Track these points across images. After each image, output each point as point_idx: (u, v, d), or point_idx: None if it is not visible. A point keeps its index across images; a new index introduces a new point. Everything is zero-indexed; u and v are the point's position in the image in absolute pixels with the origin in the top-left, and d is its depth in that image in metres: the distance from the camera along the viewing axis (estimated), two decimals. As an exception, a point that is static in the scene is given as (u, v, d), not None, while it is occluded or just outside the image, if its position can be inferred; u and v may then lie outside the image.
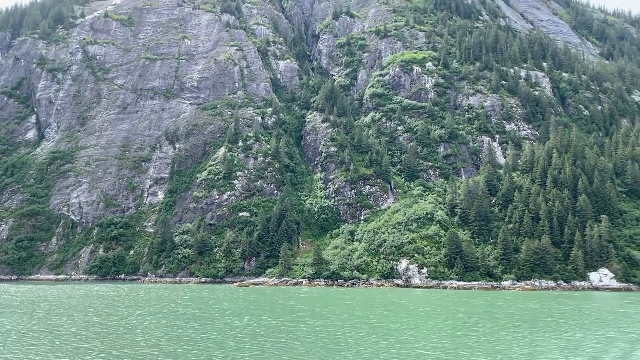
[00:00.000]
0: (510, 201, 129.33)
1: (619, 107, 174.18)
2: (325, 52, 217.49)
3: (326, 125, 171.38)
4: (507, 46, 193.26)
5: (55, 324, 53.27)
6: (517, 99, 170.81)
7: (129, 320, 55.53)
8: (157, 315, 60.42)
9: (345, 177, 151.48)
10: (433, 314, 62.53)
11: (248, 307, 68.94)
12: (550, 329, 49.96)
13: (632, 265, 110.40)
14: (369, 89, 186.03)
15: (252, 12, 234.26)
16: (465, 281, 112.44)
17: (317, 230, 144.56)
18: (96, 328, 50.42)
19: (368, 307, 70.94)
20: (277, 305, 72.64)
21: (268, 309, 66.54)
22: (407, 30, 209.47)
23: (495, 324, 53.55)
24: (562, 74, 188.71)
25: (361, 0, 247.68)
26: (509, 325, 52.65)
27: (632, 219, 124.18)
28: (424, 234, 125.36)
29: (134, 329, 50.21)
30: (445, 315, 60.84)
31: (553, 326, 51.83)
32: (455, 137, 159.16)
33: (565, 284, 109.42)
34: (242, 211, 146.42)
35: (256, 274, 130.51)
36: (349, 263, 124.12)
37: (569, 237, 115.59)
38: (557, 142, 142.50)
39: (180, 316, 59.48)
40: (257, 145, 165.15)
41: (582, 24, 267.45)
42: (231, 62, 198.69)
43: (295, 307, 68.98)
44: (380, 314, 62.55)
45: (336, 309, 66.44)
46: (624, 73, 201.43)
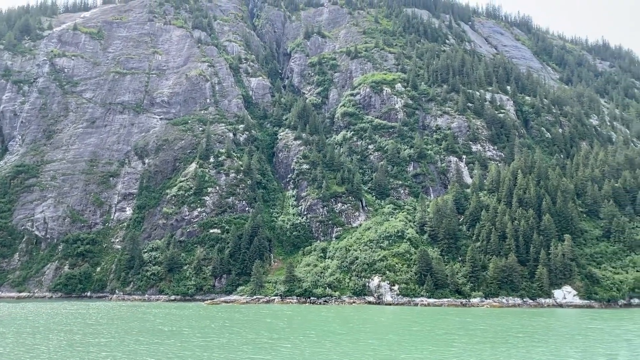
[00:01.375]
0: (477, 220, 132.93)
1: (578, 131, 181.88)
2: (297, 71, 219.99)
3: (298, 143, 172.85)
4: (473, 70, 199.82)
5: (32, 343, 52.13)
6: (482, 121, 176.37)
7: (108, 338, 54.80)
8: (135, 332, 59.74)
9: (317, 194, 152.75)
10: (411, 330, 63.88)
11: (225, 325, 68.79)
12: (526, 344, 51.95)
13: (593, 283, 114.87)
14: (341, 108, 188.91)
15: (224, 29, 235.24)
16: (435, 298, 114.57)
17: (289, 247, 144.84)
18: (76, 346, 49.63)
19: (345, 323, 71.80)
20: (254, 322, 72.66)
21: (247, 326, 66.59)
22: (377, 52, 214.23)
23: (472, 339, 55.26)
24: (525, 98, 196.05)
25: (332, 21, 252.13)
26: (486, 341, 54.42)
27: (593, 238, 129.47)
28: (395, 251, 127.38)
29: (115, 346, 49.67)
30: (422, 332, 62.27)
31: (528, 341, 53.87)
32: (424, 156, 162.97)
33: (531, 301, 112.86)
34: (213, 228, 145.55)
35: (227, 292, 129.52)
36: (321, 280, 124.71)
37: (534, 256, 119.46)
38: (522, 163, 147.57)
39: (159, 334, 58.99)
40: (228, 161, 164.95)
41: (543, 49, 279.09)
42: (203, 78, 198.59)
43: (274, 325, 69.23)
44: (359, 330, 63.51)
45: (315, 326, 67.04)
46: (583, 98, 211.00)
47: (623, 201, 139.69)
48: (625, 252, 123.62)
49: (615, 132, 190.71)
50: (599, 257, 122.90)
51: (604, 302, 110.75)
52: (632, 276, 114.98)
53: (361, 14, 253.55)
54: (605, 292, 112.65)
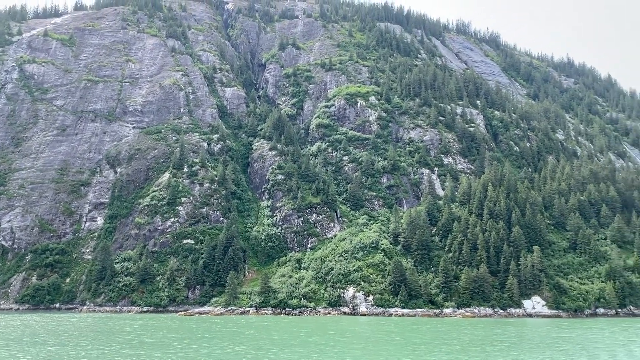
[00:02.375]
0: (449, 231, 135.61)
1: (545, 145, 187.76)
2: (272, 82, 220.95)
3: (274, 154, 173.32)
4: (444, 84, 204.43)
5: (7, 355, 51.06)
6: (454, 134, 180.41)
7: (88, 350, 54.09)
8: (115, 344, 59.07)
9: (292, 205, 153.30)
10: (390, 340, 64.93)
11: (205, 336, 68.54)
12: (502, 353, 53.58)
13: (561, 293, 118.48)
14: (315, 120, 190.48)
15: (198, 39, 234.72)
16: (409, 308, 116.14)
17: (264, 258, 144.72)
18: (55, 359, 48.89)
19: (324, 334, 72.41)
20: (234, 333, 72.59)
21: (226, 338, 66.53)
22: (351, 65, 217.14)
23: (451, 349, 56.65)
24: (494, 112, 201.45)
25: (306, 33, 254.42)
26: (463, 350, 55.88)
27: (560, 249, 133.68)
28: (370, 262, 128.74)
29: (97, 358, 49.12)
30: (401, 341, 63.40)
31: (504, 350, 55.55)
32: (398, 168, 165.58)
33: (502, 311, 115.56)
34: (187, 238, 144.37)
35: (201, 303, 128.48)
36: (296, 291, 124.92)
37: (505, 266, 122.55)
38: (492, 176, 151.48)
39: (139, 345, 58.49)
40: (203, 171, 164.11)
41: (511, 65, 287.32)
42: (177, 87, 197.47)
43: (255, 336, 69.33)
44: (339, 340, 64.23)
45: (295, 337, 67.44)
46: (549, 113, 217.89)
47: (588, 214, 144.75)
48: (590, 263, 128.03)
49: (580, 146, 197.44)
50: (566, 268, 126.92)
51: (571, 312, 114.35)
52: (597, 286, 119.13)
53: (335, 27, 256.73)
54: (573, 302, 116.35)
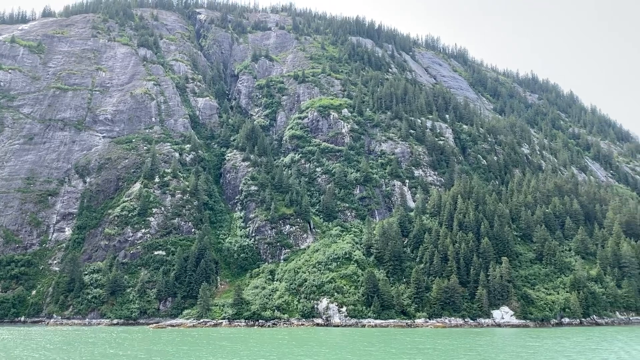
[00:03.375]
0: (421, 242, 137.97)
1: (511, 158, 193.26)
2: (245, 92, 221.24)
3: (247, 164, 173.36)
4: (414, 98, 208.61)
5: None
6: (424, 147, 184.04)
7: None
8: (92, 357, 58.26)
9: (266, 216, 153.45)
10: (370, 351, 65.90)
11: (182, 349, 68.14)
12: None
13: (528, 303, 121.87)
14: (289, 131, 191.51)
15: (170, 48, 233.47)
16: (382, 319, 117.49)
17: (237, 269, 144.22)
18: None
19: (302, 345, 72.91)
20: (211, 346, 72.36)
21: (207, 351, 66.32)
22: (324, 77, 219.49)
23: (428, 358, 58.00)
24: (462, 126, 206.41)
25: (279, 45, 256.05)
26: (440, 359, 57.31)
27: (527, 260, 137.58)
28: (343, 273, 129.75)
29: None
30: (381, 351, 64.46)
31: (478, 359, 57.21)
32: (370, 180, 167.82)
33: (472, 321, 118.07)
34: (158, 250, 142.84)
35: (172, 315, 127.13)
36: (270, 303, 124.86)
37: (474, 277, 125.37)
38: (461, 189, 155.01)
39: (119, 358, 57.86)
40: (174, 181, 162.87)
41: (478, 81, 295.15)
42: (148, 96, 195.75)
43: (232, 348, 69.29)
44: (320, 352, 64.86)
45: (273, 349, 67.75)
46: (515, 128, 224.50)
47: (553, 226, 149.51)
48: (556, 274, 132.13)
49: (545, 160, 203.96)
50: (533, 278, 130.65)
51: (538, 322, 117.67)
52: (563, 297, 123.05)
53: (308, 40, 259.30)
54: (539, 312, 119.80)
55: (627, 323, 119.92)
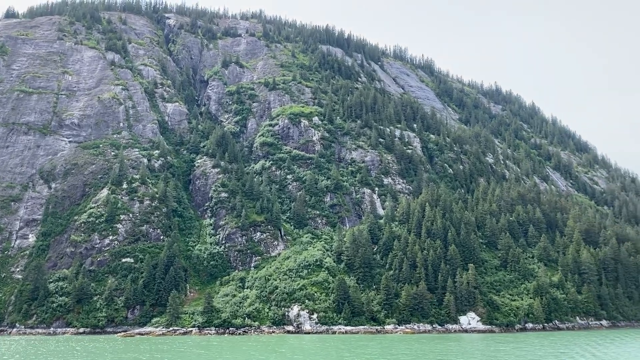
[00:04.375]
0: (390, 249, 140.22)
1: (477, 168, 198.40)
2: (215, 99, 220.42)
3: (217, 171, 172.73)
4: (383, 107, 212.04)
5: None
6: (393, 156, 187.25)
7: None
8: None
9: (236, 223, 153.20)
10: (341, 357, 67.01)
11: (155, 357, 67.75)
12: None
13: (494, 309, 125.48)
14: (259, 138, 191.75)
15: (139, 53, 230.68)
16: (352, 325, 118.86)
17: (206, 277, 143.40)
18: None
19: (276, 353, 73.48)
20: (185, 354, 72.11)
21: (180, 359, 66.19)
22: (295, 85, 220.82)
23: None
24: (430, 136, 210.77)
25: (250, 52, 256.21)
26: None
27: (492, 267, 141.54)
28: (314, 280, 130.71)
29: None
30: (352, 357, 65.64)
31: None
32: (340, 188, 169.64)
33: (439, 326, 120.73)
34: (126, 257, 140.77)
35: (141, 324, 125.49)
36: (240, 310, 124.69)
37: (442, 284, 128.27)
38: (429, 197, 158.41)
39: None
40: (143, 188, 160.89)
41: (445, 91, 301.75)
42: (116, 101, 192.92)
43: (207, 356, 69.29)
44: (294, 358, 65.60)
45: (249, 357, 68.11)
46: (480, 138, 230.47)
47: (517, 233, 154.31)
48: (520, 281, 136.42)
49: (508, 170, 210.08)
50: (498, 285, 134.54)
51: (503, 327, 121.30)
52: (527, 303, 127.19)
53: (278, 47, 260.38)
54: (504, 317, 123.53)
55: (587, 328, 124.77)
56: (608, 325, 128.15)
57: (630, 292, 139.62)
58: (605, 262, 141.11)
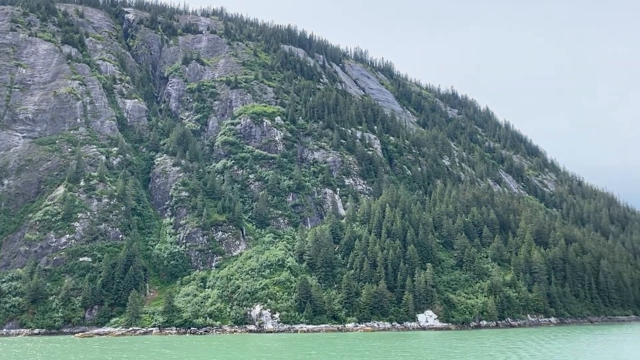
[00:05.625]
0: (351, 249, 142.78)
1: (434, 170, 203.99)
2: (175, 96, 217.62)
3: (177, 169, 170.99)
4: (345, 109, 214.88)
5: None
6: (354, 157, 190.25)
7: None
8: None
9: (197, 222, 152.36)
10: (311, 355, 68.56)
11: (122, 357, 67.45)
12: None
13: (450, 307, 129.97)
14: (221, 137, 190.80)
15: (97, 47, 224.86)
16: (314, 324, 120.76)
17: (167, 277, 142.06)
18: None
19: (243, 351, 74.33)
20: (150, 353, 72.00)
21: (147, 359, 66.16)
22: (257, 84, 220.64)
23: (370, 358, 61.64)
24: (389, 138, 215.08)
25: (211, 50, 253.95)
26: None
27: (449, 266, 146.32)
28: (276, 279, 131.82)
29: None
30: (322, 355, 67.31)
31: (413, 359, 61.65)
32: (302, 188, 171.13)
33: (398, 324, 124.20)
34: (84, 256, 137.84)
35: (99, 324, 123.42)
36: (202, 310, 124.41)
37: (401, 282, 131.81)
38: (389, 198, 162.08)
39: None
40: (101, 185, 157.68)
41: (403, 94, 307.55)
42: (73, 96, 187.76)
43: (174, 356, 69.43)
44: (261, 357, 66.66)
45: (216, 355, 68.70)
46: (437, 141, 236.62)
47: (472, 234, 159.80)
48: (475, 280, 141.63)
49: (464, 172, 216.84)
50: (454, 283, 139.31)
51: (459, 325, 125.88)
52: (481, 301, 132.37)
53: (240, 46, 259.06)
54: (460, 315, 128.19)
55: (537, 325, 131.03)
56: (556, 322, 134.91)
57: (577, 290, 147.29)
58: (555, 262, 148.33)
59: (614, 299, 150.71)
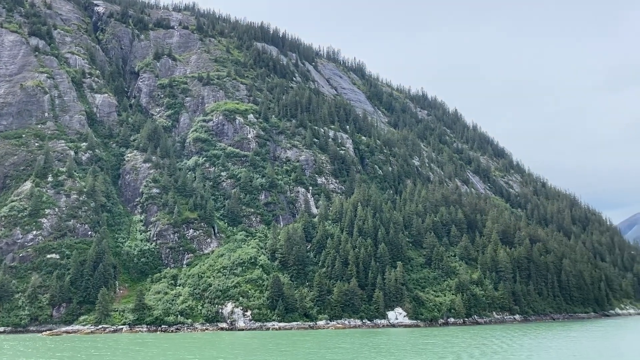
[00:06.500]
0: (323, 247, 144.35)
1: (404, 170, 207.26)
2: (146, 91, 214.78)
3: (148, 166, 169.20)
4: (318, 108, 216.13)
5: None
6: (326, 156, 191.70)
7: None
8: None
9: (168, 220, 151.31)
10: (288, 352, 69.63)
11: (94, 354, 67.17)
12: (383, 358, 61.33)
13: (419, 305, 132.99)
14: (193, 133, 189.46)
15: (66, 40, 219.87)
16: (286, 322, 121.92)
17: (137, 274, 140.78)
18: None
19: (218, 349, 74.84)
20: (123, 351, 71.84)
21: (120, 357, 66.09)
22: (229, 81, 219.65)
23: (341, 356, 63.10)
24: (361, 137, 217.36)
25: (183, 45, 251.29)
26: (352, 357, 62.62)
27: (418, 265, 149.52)
28: (249, 277, 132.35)
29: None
30: (298, 352, 68.48)
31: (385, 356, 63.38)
32: (275, 186, 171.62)
33: (369, 322, 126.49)
34: (52, 253, 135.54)
35: (67, 322, 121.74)
36: (173, 308, 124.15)
37: (372, 280, 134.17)
38: (360, 197, 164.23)
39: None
40: (70, 181, 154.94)
41: (375, 95, 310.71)
42: (40, 89, 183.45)
43: (148, 354, 69.51)
44: (238, 354, 67.40)
45: (191, 354, 69.08)
46: (407, 141, 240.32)
47: (441, 233, 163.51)
48: (443, 278, 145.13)
49: (433, 172, 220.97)
50: (423, 282, 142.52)
51: (427, 322, 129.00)
52: (449, 299, 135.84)
53: (212, 42, 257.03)
54: (429, 312, 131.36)
55: (502, 322, 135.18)
56: (520, 319, 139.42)
57: (540, 289, 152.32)
58: (519, 261, 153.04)
59: (575, 297, 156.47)
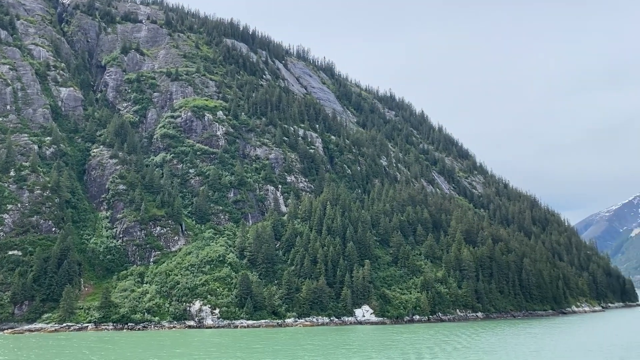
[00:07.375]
0: (292, 246, 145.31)
1: (372, 169, 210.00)
2: (112, 86, 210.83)
3: (115, 162, 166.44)
4: (288, 106, 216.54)
5: None
6: (296, 155, 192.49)
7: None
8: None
9: (135, 217, 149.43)
10: (254, 349, 70.45)
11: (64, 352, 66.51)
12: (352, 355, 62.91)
13: (385, 303, 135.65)
14: (160, 129, 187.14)
15: (29, 31, 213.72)
16: (254, 320, 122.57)
17: (102, 272, 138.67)
18: None
19: (188, 347, 75.04)
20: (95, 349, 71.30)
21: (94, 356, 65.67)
22: (198, 77, 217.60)
23: (311, 353, 64.36)
24: (330, 137, 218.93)
25: (151, 40, 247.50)
26: (327, 353, 63.98)
27: (385, 263, 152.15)
28: (217, 275, 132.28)
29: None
30: (266, 349, 69.40)
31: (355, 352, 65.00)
32: (244, 184, 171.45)
33: (336, 319, 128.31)
34: (13, 249, 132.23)
35: (30, 320, 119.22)
36: (140, 306, 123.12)
37: (340, 278, 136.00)
38: (330, 196, 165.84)
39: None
40: (33, 176, 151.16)
41: (344, 95, 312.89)
42: (2, 81, 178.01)
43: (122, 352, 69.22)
44: (210, 352, 67.83)
45: (163, 352, 69.13)
46: (375, 141, 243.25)
47: (407, 232, 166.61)
48: (409, 276, 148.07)
49: (400, 172, 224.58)
50: (390, 280, 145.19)
51: (393, 319, 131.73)
52: (414, 296, 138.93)
53: (181, 37, 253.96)
54: (395, 310, 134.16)
55: (465, 319, 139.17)
56: (483, 316, 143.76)
57: (502, 287, 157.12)
58: (482, 260, 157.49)
59: (534, 295, 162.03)
